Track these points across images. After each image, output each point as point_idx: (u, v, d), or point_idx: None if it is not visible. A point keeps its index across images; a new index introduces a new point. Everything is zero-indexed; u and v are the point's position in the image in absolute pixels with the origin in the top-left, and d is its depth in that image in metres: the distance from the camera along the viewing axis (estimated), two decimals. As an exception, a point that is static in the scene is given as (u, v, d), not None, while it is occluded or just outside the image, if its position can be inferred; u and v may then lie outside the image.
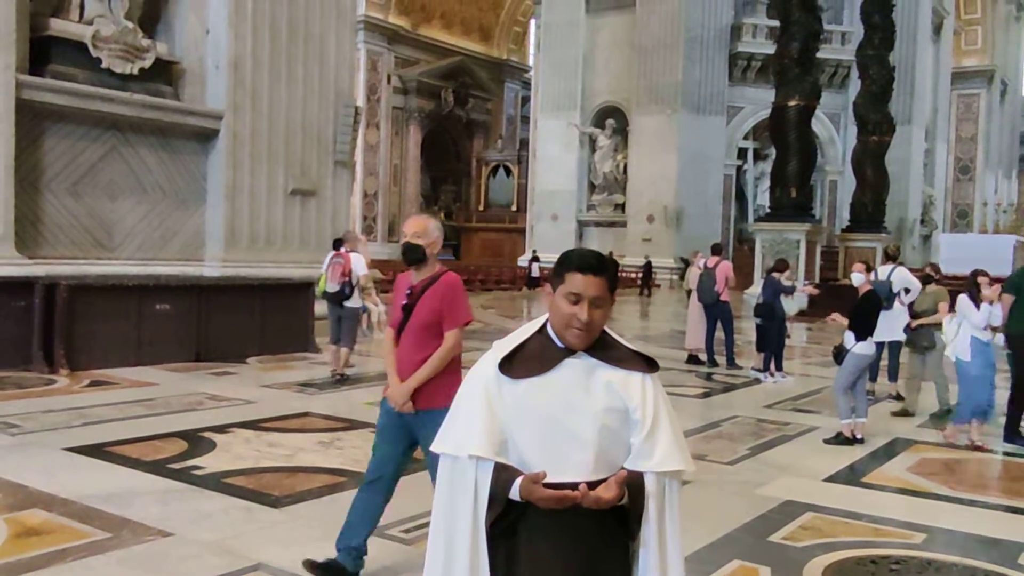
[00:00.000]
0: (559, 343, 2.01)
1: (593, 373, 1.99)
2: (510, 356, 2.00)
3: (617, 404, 1.98)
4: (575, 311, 1.96)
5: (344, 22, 14.04)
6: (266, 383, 9.07)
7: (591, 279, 1.97)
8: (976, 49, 47.31)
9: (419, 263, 3.86)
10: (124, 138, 11.34)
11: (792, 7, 22.78)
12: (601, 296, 1.97)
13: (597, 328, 1.99)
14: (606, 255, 9.72)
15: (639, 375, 2.01)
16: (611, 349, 2.04)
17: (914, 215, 36.29)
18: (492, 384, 1.99)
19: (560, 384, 1.97)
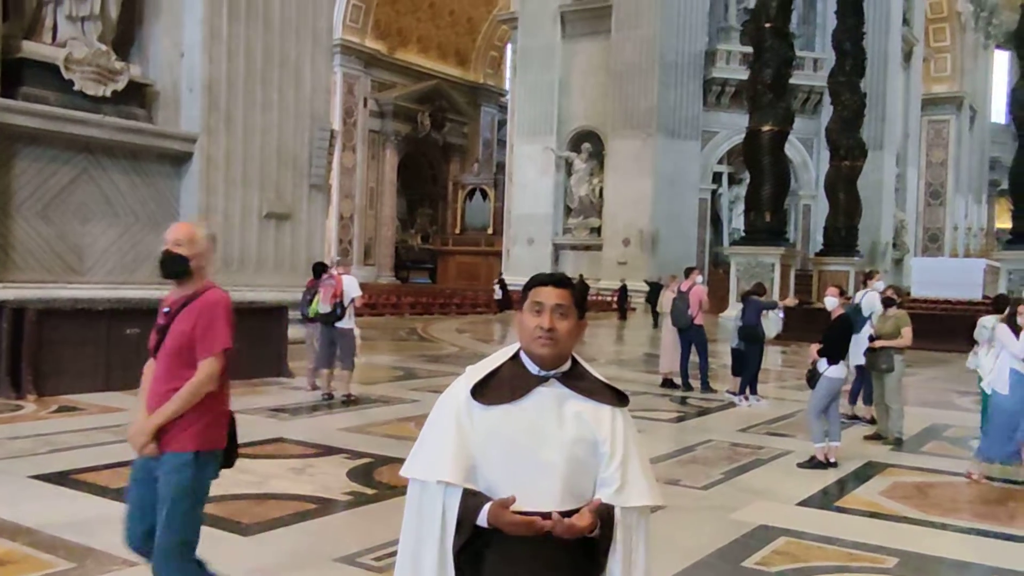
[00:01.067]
0: (532, 369, 2.02)
1: (564, 403, 2.00)
2: (483, 382, 2.00)
3: (586, 435, 1.98)
4: (538, 320, 1.99)
5: (320, 46, 14.05)
6: (237, 408, 8.85)
7: (552, 289, 2.02)
8: (945, 76, 48.11)
9: (180, 276, 3.32)
10: (96, 161, 11.24)
11: (765, 34, 23.11)
12: (564, 305, 2.00)
13: (563, 340, 2.00)
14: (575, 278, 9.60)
15: (609, 408, 2.03)
16: (583, 380, 2.05)
17: (886, 239, 36.69)
18: (463, 409, 1.98)
19: (531, 412, 1.97)
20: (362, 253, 43.41)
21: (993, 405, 7.07)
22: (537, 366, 2.01)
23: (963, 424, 9.58)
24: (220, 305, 3.33)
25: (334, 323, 9.59)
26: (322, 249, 14.97)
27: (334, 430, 8.01)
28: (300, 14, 13.54)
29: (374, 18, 43.54)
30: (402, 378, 12.07)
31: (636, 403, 10.16)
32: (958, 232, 46.95)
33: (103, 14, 11.18)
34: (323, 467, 6.47)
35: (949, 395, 12.18)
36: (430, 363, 14.19)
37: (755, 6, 25.19)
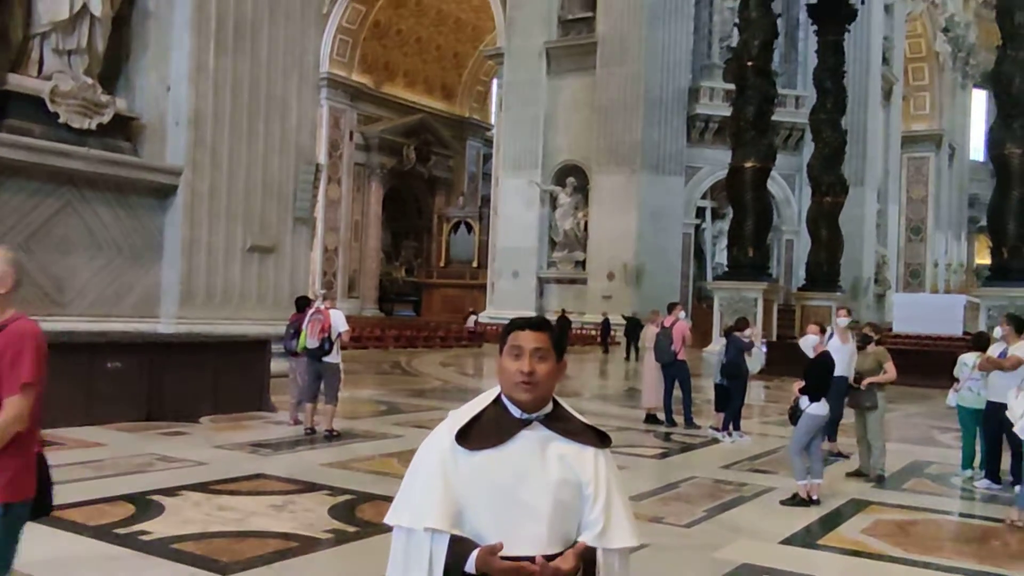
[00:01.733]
0: (515, 413, 2.03)
1: (547, 446, 2.01)
2: (466, 427, 2.01)
3: (570, 478, 1.99)
4: (518, 365, 2.01)
5: (307, 80, 14.11)
6: (219, 443, 8.89)
7: (531, 333, 2.04)
8: (925, 114, 48.83)
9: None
10: (80, 194, 11.20)
11: (747, 72, 23.41)
12: (543, 349, 2.02)
13: (543, 383, 2.02)
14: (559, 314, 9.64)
15: (592, 450, 2.04)
16: (565, 422, 2.06)
17: (868, 274, 36.98)
18: (448, 456, 1.99)
19: (515, 456, 1.98)
20: (346, 286, 43.36)
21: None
22: (519, 409, 2.03)
23: (945, 461, 9.61)
24: (27, 336, 3.04)
25: (321, 358, 9.59)
26: (306, 282, 14.94)
27: (316, 466, 7.95)
28: (287, 49, 13.61)
29: (361, 52, 43.88)
30: (385, 413, 12.02)
31: (620, 439, 10.16)
32: (938, 268, 47.38)
33: (90, 47, 11.20)
34: (305, 504, 6.42)
35: (930, 431, 12.24)
36: (414, 397, 14.14)
37: (737, 45, 25.54)
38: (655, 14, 33.27)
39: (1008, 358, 7.95)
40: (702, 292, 33.26)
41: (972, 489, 8.23)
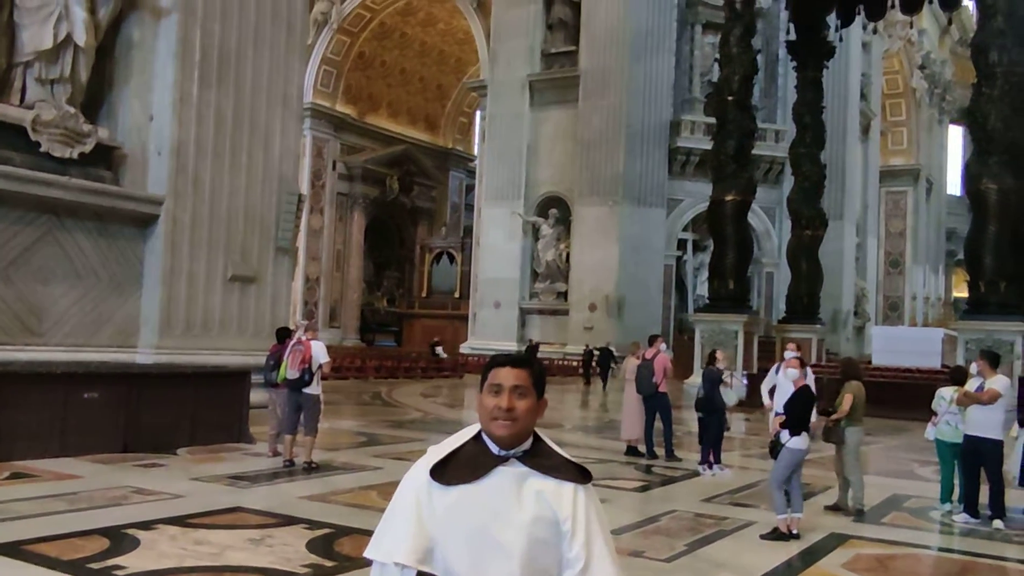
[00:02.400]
0: (493, 449, 2.02)
1: (525, 482, 2.00)
2: (443, 462, 2.01)
3: (547, 514, 1.98)
4: (497, 401, 2.00)
5: (290, 111, 14.16)
6: (196, 476, 8.80)
7: (511, 370, 2.04)
8: (902, 149, 49.52)
9: None
10: (60, 222, 11.15)
11: (728, 106, 23.66)
12: (523, 386, 2.02)
13: (522, 420, 2.01)
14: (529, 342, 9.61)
15: (572, 485, 2.02)
16: (545, 457, 2.05)
17: (848, 307, 37.25)
18: (423, 491, 1.99)
19: (490, 492, 1.98)
20: (328, 315, 43.22)
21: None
22: (497, 446, 2.02)
23: (924, 495, 9.63)
24: None
25: (301, 388, 9.53)
26: (287, 312, 14.88)
27: (295, 499, 7.88)
28: (271, 79, 13.67)
29: (345, 83, 44.10)
30: (365, 444, 11.95)
31: (600, 471, 10.14)
32: (917, 301, 47.81)
33: (73, 77, 11.21)
34: (282, 537, 6.35)
35: (910, 464, 12.27)
36: (394, 429, 14.06)
37: (718, 80, 25.86)
38: (637, 49, 33.67)
39: (985, 392, 8.02)
40: (683, 324, 33.37)
41: (951, 523, 8.25)
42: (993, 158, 19.62)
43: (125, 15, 12.04)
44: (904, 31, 44.58)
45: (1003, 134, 19.55)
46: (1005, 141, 19.60)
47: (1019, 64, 20.14)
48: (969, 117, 21.59)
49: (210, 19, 12.67)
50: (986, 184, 19.70)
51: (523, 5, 36.43)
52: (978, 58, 20.42)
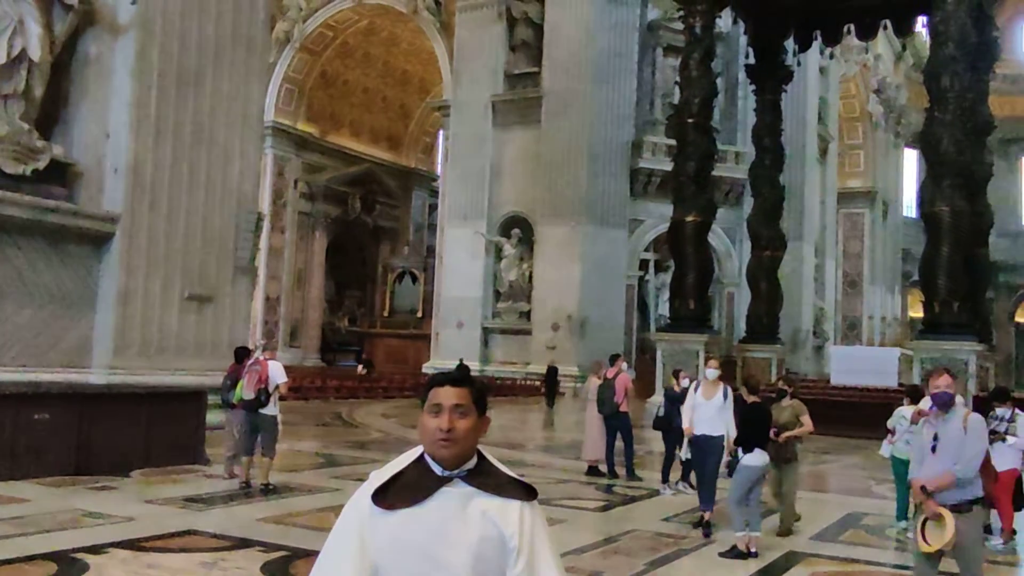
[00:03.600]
0: (436, 470, 1.99)
1: (469, 502, 1.98)
2: (386, 486, 1.98)
3: (492, 533, 1.95)
4: (437, 422, 1.98)
5: (250, 129, 14.04)
6: (149, 498, 8.63)
7: (450, 389, 2.01)
8: (859, 172, 50.35)
9: None
10: (11, 240, 10.92)
11: (688, 129, 23.94)
12: (463, 405, 2.00)
13: (464, 439, 1.98)
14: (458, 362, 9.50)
15: (517, 503, 2.00)
16: (489, 476, 2.02)
17: (807, 327, 37.66)
18: (366, 519, 1.96)
19: (434, 514, 1.95)
20: (288, 335, 42.81)
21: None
22: (440, 467, 2.00)
23: (881, 512, 9.73)
24: None
25: (258, 409, 9.41)
26: (246, 332, 14.69)
27: (251, 521, 7.76)
28: (231, 98, 13.55)
29: (307, 102, 43.93)
30: (324, 465, 11.81)
31: (561, 491, 10.11)
32: (874, 321, 48.49)
33: (27, 93, 11.03)
34: (236, 561, 6.24)
35: (867, 482, 12.40)
36: (354, 450, 13.92)
37: (679, 102, 26.15)
38: (599, 71, 33.96)
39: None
40: (645, 343, 33.52)
41: (907, 540, 8.32)
42: (946, 181, 20.03)
43: (82, 31, 11.89)
44: (860, 56, 45.46)
45: (955, 158, 19.98)
46: (957, 165, 20.03)
47: (970, 90, 20.66)
48: (923, 141, 22.02)
49: (169, 36, 12.56)
50: (939, 207, 20.09)
51: (486, 26, 36.63)
52: (931, 84, 20.88)
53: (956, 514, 4.62)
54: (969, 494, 4.71)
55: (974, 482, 4.71)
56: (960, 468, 4.66)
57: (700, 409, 8.20)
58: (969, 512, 4.71)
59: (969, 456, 4.68)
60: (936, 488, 4.68)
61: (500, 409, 24.74)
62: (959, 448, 4.68)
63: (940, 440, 4.75)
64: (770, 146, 26.97)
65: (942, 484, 4.67)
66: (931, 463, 4.77)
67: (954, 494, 4.67)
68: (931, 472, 4.74)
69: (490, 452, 5.75)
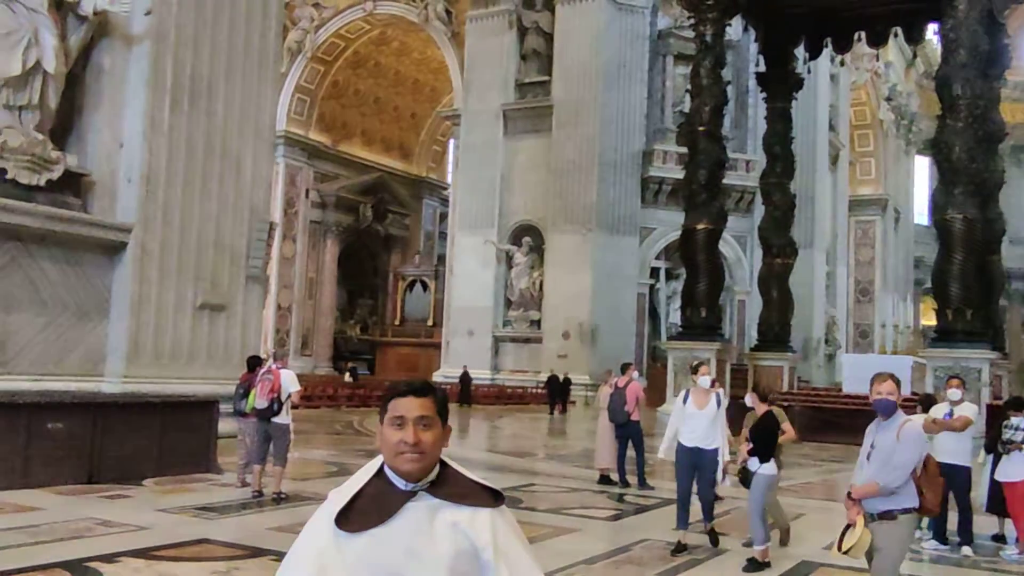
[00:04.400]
0: (398, 484, 1.91)
1: (436, 515, 1.89)
2: (347, 506, 1.88)
3: (465, 546, 1.87)
4: (401, 435, 1.88)
5: (262, 139, 14.15)
6: (162, 507, 8.65)
7: (413, 400, 1.92)
8: (870, 179, 50.21)
9: None
10: (26, 249, 11.03)
11: (699, 137, 23.90)
12: (428, 416, 1.91)
13: (429, 452, 1.90)
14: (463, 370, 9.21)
15: (486, 511, 1.91)
16: (453, 485, 1.93)
17: (818, 335, 37.53)
18: (328, 542, 1.86)
19: (402, 534, 1.86)
20: (300, 344, 42.91)
21: None
22: (403, 480, 1.91)
23: (894, 522, 9.65)
24: None
25: (270, 418, 9.43)
26: (258, 340, 14.77)
27: (263, 530, 7.77)
28: (244, 107, 13.66)
29: (319, 111, 44.13)
30: (336, 474, 11.81)
31: (573, 500, 10.11)
32: (886, 329, 48.27)
33: (42, 103, 11.16)
34: (249, 570, 6.25)
35: (881, 492, 12.31)
36: (366, 458, 13.81)
37: (689, 110, 26.13)
38: (609, 79, 34.03)
39: (957, 418, 8.08)
40: (656, 352, 33.47)
41: (920, 550, 8.27)
42: (958, 189, 19.93)
43: (96, 42, 12.02)
44: (871, 63, 45.39)
45: (967, 165, 19.88)
46: (969, 172, 19.93)
47: (982, 96, 20.55)
48: (934, 148, 21.94)
49: (182, 47, 12.67)
50: (952, 214, 19.99)
51: (497, 35, 36.74)
52: (942, 90, 20.80)
53: (879, 521, 4.59)
54: (896, 504, 4.62)
55: (904, 492, 4.62)
56: (883, 477, 4.59)
57: (692, 420, 7.67)
58: (893, 519, 4.63)
59: (896, 465, 4.59)
60: (860, 496, 4.65)
61: (511, 417, 24.73)
62: (889, 457, 4.63)
63: (875, 448, 4.72)
64: (781, 154, 26.89)
65: (867, 492, 4.64)
66: (863, 470, 4.77)
67: (881, 502, 4.62)
68: (863, 480, 4.73)
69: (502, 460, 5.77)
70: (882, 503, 4.63)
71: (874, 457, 4.69)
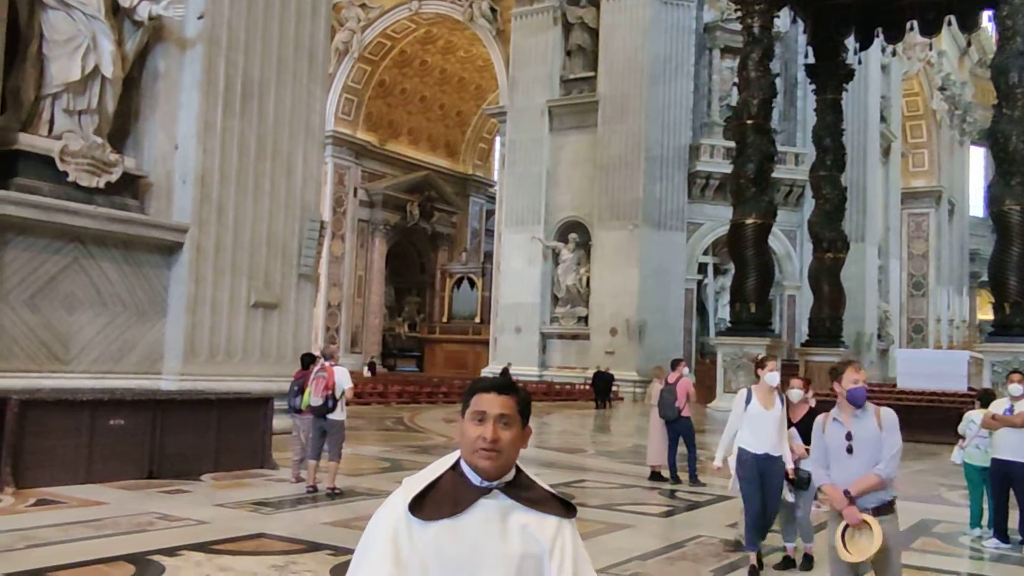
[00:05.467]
0: (473, 480, 1.93)
1: (509, 515, 1.91)
2: (421, 495, 1.91)
3: (533, 550, 1.89)
4: (481, 431, 1.89)
5: (312, 139, 14.32)
6: (220, 502, 8.83)
7: (496, 397, 1.92)
8: (924, 171, 49.26)
9: None
10: (87, 251, 11.31)
11: (747, 130, 23.67)
12: (509, 415, 1.91)
13: (507, 451, 1.91)
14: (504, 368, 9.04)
15: (555, 519, 1.93)
16: (528, 490, 1.95)
17: (871, 330, 36.93)
18: (402, 527, 1.88)
19: (473, 527, 1.88)
20: (349, 341, 43.35)
21: None
22: (479, 477, 1.93)
23: (953, 520, 9.50)
24: None
25: (326, 415, 9.58)
26: (309, 338, 14.97)
27: (318, 524, 7.89)
28: (294, 108, 13.85)
29: (366, 111, 44.51)
30: (388, 469, 11.94)
31: (624, 496, 10.09)
32: (941, 323, 47.30)
33: (100, 108, 11.41)
34: (306, 564, 6.35)
35: (938, 489, 12.11)
36: (417, 454, 14.04)
37: (737, 103, 25.88)
38: (655, 73, 33.80)
39: (1018, 415, 7.92)
40: (705, 348, 33.23)
41: (981, 548, 8.13)
42: (1016, 179, 19.50)
43: (151, 47, 12.27)
44: (923, 53, 44.50)
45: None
46: (1028, 162, 19.48)
47: (1040, 84, 20.05)
48: (990, 138, 21.48)
49: (234, 50, 12.88)
50: (1009, 205, 19.57)
51: (542, 32, 36.71)
52: (998, 79, 20.35)
53: (879, 517, 4.44)
54: (889, 495, 4.52)
55: (892, 481, 4.53)
56: (883, 467, 4.45)
57: (758, 422, 6.70)
58: (891, 513, 4.52)
59: (890, 454, 4.48)
60: (860, 492, 4.46)
61: (559, 414, 24.73)
62: (877, 446, 4.47)
63: (855, 439, 4.51)
64: (831, 146, 26.52)
65: (867, 487, 4.46)
66: (847, 465, 4.51)
67: (875, 496, 4.48)
68: (849, 475, 4.49)
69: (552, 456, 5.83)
70: (873, 497, 4.48)
71: (859, 450, 4.49)
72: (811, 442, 4.75)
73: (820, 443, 4.67)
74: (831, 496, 4.54)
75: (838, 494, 4.49)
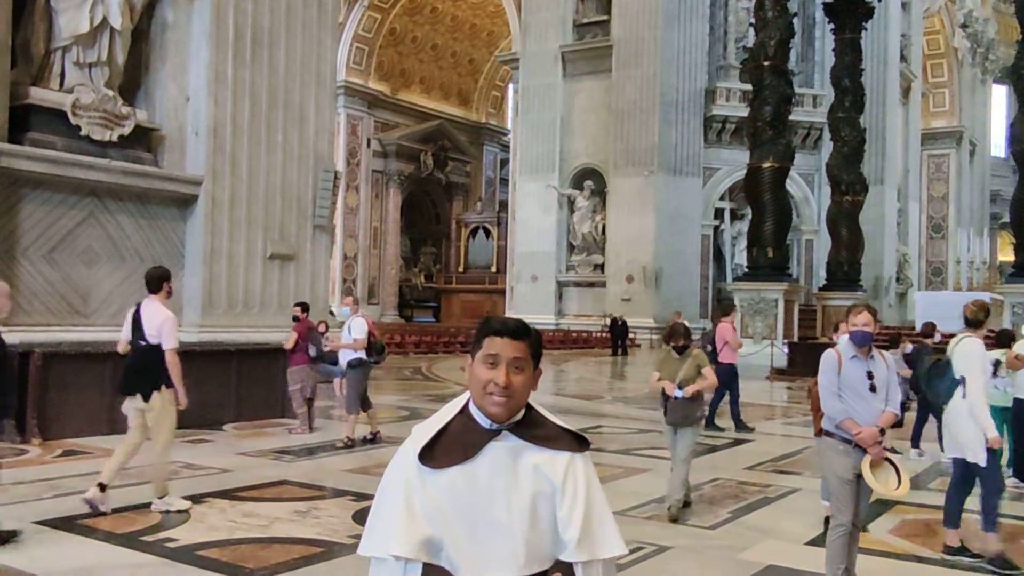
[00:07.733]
0: (483, 423, 1.89)
1: (520, 456, 1.88)
2: (431, 442, 1.88)
3: (546, 488, 1.87)
4: (492, 375, 1.86)
5: (324, 89, 14.20)
6: (242, 450, 8.94)
7: (509, 341, 1.88)
8: (944, 111, 48.48)
9: None
10: (102, 204, 11.33)
11: (764, 72, 23.32)
12: (521, 359, 1.88)
13: (518, 395, 1.88)
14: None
15: (567, 455, 1.90)
16: (538, 427, 1.92)
17: (889, 273, 36.72)
18: (413, 476, 1.87)
19: (485, 471, 1.86)
20: (366, 292, 43.54)
21: None
22: (488, 420, 1.89)
23: (971, 460, 9.49)
24: None
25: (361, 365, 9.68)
26: (327, 289, 15.01)
27: (338, 472, 7.99)
28: (304, 58, 13.71)
29: (377, 60, 44.10)
30: (407, 418, 12.04)
31: (641, 441, 10.14)
32: (961, 266, 46.87)
33: (110, 60, 11.34)
34: (328, 509, 6.44)
35: (956, 430, 12.10)
36: (435, 403, 14.15)
37: (754, 45, 25.47)
38: (670, 16, 33.24)
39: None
40: (721, 293, 33.16)
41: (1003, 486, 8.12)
42: (1039, 117, 19.17)
43: (159, -3, 12.14)
44: (945, -11, 43.51)
45: (1050, 92, 19.08)
46: (1052, 99, 19.13)
47: (1066, 19, 19.60)
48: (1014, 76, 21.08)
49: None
50: (1032, 144, 19.27)
51: (554, -25, 36.12)
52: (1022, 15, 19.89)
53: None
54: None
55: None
56: (893, 407, 4.59)
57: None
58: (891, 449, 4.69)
59: (897, 394, 4.63)
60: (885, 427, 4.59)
61: (576, 361, 24.83)
62: (889, 386, 4.59)
63: (876, 379, 4.59)
64: (850, 87, 26.12)
65: (888, 423, 4.59)
66: (870, 402, 4.58)
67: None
68: (873, 412, 4.56)
69: (569, 403, 5.80)
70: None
71: (880, 389, 4.59)
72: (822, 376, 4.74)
73: (834, 378, 4.67)
74: (864, 433, 4.54)
75: (872, 432, 4.52)
